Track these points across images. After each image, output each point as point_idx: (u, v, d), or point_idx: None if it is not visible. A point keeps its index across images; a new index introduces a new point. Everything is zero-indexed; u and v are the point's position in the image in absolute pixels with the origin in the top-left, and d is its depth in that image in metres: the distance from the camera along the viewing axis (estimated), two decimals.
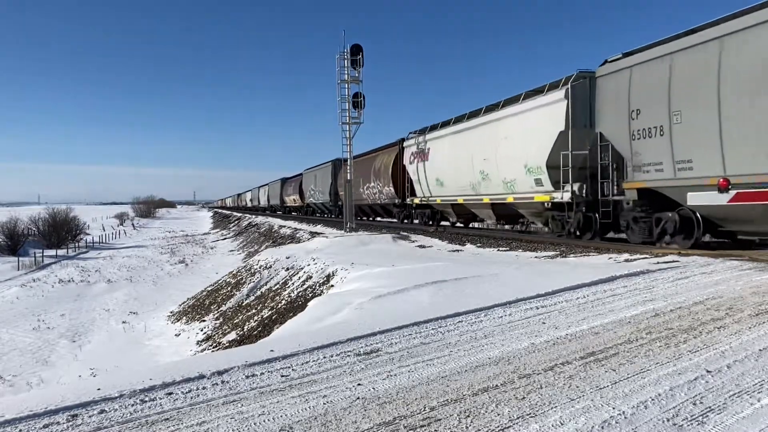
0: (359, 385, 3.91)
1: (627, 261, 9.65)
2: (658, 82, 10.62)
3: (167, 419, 3.43)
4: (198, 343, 13.01)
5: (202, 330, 14.12)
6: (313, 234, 23.04)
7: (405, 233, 19.65)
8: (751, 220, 9.53)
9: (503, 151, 15.81)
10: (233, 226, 61.94)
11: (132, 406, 3.66)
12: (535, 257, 11.46)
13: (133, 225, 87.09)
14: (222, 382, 4.06)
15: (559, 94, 13.42)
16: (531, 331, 5.17)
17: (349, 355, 4.64)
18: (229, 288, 17.40)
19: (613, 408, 3.29)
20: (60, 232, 47.25)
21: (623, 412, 3.22)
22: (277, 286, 13.57)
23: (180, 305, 19.42)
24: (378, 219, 32.57)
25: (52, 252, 41.54)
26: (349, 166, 21.23)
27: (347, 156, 20.92)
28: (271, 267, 15.64)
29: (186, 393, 3.88)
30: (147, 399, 3.77)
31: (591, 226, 13.27)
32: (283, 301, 11.77)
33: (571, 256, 11.26)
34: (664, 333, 4.86)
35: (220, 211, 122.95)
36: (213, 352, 10.97)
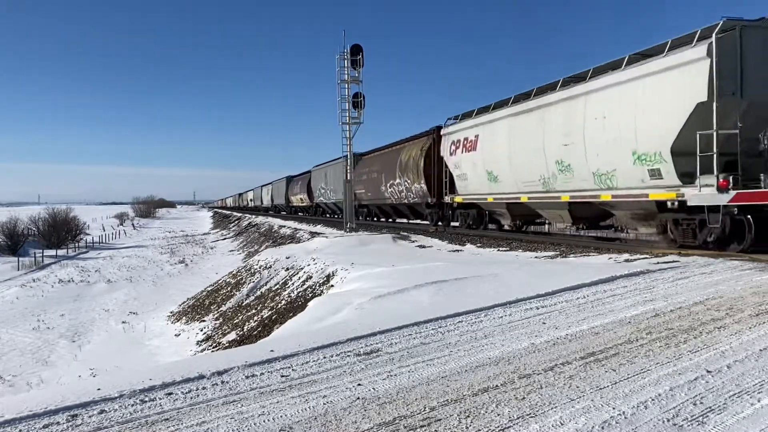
0: (359, 385, 3.91)
1: (627, 261, 9.65)
2: None
3: (167, 419, 3.43)
4: (198, 343, 13.01)
5: (202, 330, 14.12)
6: (313, 234, 23.04)
7: (405, 233, 19.65)
8: None
9: (595, 135, 12.15)
10: (233, 226, 61.93)
11: (132, 406, 3.66)
12: (535, 257, 11.45)
13: (133, 225, 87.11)
14: (222, 383, 4.06)
15: (695, 52, 9.85)
16: (531, 331, 5.17)
17: (349, 355, 4.64)
18: (229, 288, 17.40)
19: (614, 408, 3.29)
20: (60, 232, 47.27)
21: (623, 413, 3.22)
22: (277, 286, 13.57)
23: (180, 305, 19.42)
24: (402, 221, 27.65)
25: (52, 252, 41.55)
26: (348, 166, 21.23)
27: (347, 154, 20.92)
28: (271, 267, 15.64)
29: (186, 393, 3.87)
30: (147, 399, 3.77)
31: (739, 234, 9.85)
32: (283, 301, 11.77)
33: (571, 256, 11.26)
34: (665, 333, 4.85)
35: (220, 211, 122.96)
36: (213, 352, 10.97)
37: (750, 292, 6.29)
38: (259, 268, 16.58)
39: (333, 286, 10.23)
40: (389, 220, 29.31)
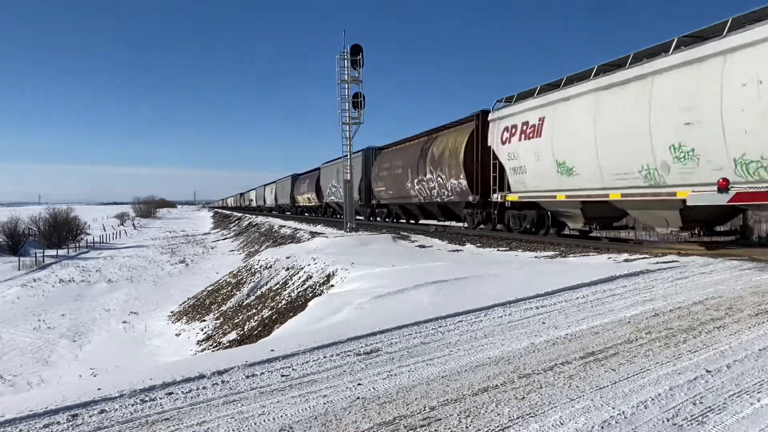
0: (359, 384, 3.92)
1: (626, 261, 9.65)
2: None
3: (167, 419, 3.44)
4: (198, 342, 13.02)
5: (202, 330, 14.13)
6: (313, 234, 23.05)
7: (405, 233, 19.66)
8: None
9: (743, 107, 8.93)
10: (234, 226, 61.95)
11: (132, 406, 3.67)
12: (535, 257, 11.46)
13: (133, 225, 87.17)
14: (222, 382, 4.07)
15: None
16: (531, 330, 5.18)
17: (349, 355, 4.65)
18: (229, 288, 17.41)
19: (613, 408, 3.30)
20: (60, 232, 47.34)
21: (623, 412, 3.22)
22: (278, 285, 13.58)
23: (180, 305, 19.44)
24: (428, 222, 24.30)
25: (53, 252, 41.60)
26: (348, 167, 21.24)
27: (347, 154, 20.94)
28: (271, 267, 15.65)
29: (186, 393, 3.88)
30: (147, 399, 3.78)
31: None
32: (284, 301, 11.78)
33: (571, 256, 11.26)
34: (664, 333, 4.86)
35: (220, 211, 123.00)
36: (213, 351, 10.98)
37: (749, 292, 6.29)
38: (260, 267, 16.59)
39: (333, 285, 10.24)
40: (411, 221, 26.18)
